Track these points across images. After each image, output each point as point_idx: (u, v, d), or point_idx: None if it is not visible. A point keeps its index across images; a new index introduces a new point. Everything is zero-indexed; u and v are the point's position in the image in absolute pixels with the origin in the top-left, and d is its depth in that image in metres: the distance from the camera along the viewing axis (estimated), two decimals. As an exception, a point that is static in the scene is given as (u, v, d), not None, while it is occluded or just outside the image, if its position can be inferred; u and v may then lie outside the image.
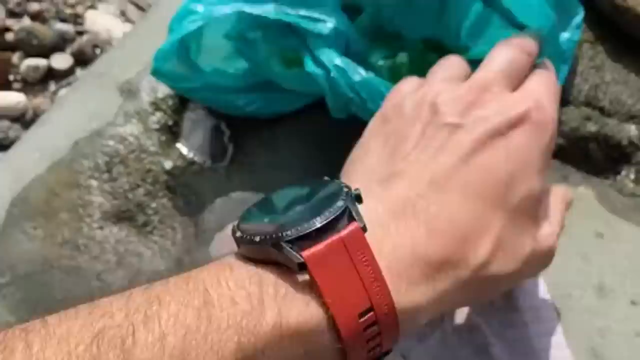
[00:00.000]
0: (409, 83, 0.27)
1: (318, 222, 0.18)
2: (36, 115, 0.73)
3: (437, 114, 0.24)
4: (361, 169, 0.24)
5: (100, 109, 0.42)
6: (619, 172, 0.39)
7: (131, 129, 0.41)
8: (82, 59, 0.81)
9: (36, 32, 0.80)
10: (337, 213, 0.19)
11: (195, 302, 0.17)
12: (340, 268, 0.18)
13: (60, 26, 0.83)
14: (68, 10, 0.86)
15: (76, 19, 0.86)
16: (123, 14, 0.87)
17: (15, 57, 0.80)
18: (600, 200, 0.36)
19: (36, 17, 0.85)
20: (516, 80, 0.26)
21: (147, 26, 0.49)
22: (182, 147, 0.41)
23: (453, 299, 0.21)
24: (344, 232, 0.18)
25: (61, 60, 0.80)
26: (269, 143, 0.40)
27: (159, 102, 0.42)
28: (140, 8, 0.86)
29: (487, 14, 0.36)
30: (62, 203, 0.38)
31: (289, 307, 0.18)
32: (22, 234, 0.37)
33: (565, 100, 0.41)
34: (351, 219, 0.19)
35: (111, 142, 0.40)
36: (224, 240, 0.34)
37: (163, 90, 0.42)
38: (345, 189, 0.20)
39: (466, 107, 0.24)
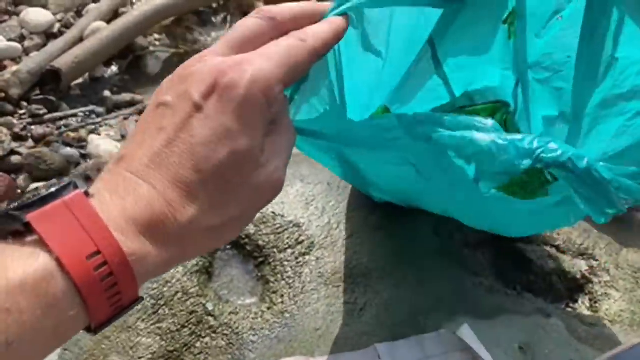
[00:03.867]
0: None
1: (43, 193, 0.23)
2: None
3: (158, 93, 0.27)
4: (117, 153, 0.28)
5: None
6: (576, 301, 0.49)
7: (173, 272, 0.47)
8: (86, 182, 0.86)
9: (44, 156, 0.86)
10: (61, 186, 0.23)
11: None
12: (63, 223, 0.22)
13: (67, 151, 0.89)
14: (71, 135, 0.93)
15: (79, 143, 0.92)
16: (124, 137, 0.94)
17: (20, 180, 0.84)
18: (569, 330, 0.44)
19: (40, 140, 0.90)
20: (246, 45, 0.28)
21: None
22: (217, 287, 0.47)
23: (178, 248, 0.25)
24: (67, 197, 0.23)
25: (66, 183, 0.84)
26: (292, 279, 0.47)
27: (196, 247, 0.48)
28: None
29: None
30: (113, 345, 0.42)
31: (15, 259, 0.21)
32: (75, 377, 0.41)
33: (530, 240, 0.52)
34: (77, 188, 0.23)
35: (156, 285, 0.46)
36: (266, 377, 0.39)
37: (198, 235, 0.49)
38: (77, 172, 0.27)
39: (176, 82, 0.26)
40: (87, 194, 0.23)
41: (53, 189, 0.23)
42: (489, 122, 0.31)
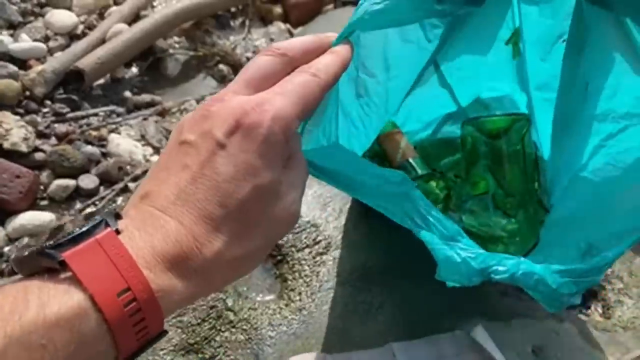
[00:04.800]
0: None
1: (76, 232, 0.24)
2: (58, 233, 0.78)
3: (180, 132, 0.28)
4: (140, 189, 0.28)
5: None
6: (590, 307, 0.50)
7: (194, 268, 0.48)
8: (107, 180, 0.88)
9: (67, 154, 0.88)
10: (93, 224, 0.24)
11: None
12: (96, 261, 0.23)
13: (88, 149, 0.91)
14: (93, 133, 0.95)
15: (100, 141, 0.94)
16: (143, 137, 0.96)
17: (43, 176, 0.86)
18: (582, 335, 0.45)
19: (63, 138, 0.93)
20: (263, 83, 0.29)
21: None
22: (236, 284, 0.48)
23: (203, 281, 0.26)
24: (99, 235, 0.24)
25: (88, 181, 0.87)
26: (310, 277, 0.48)
27: (217, 244, 0.50)
28: (160, 132, 0.96)
29: None
30: (136, 336, 0.44)
31: (51, 297, 0.22)
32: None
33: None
34: (108, 226, 0.24)
35: (177, 280, 0.47)
36: (284, 372, 0.41)
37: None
38: (108, 209, 0.27)
39: (197, 121, 0.27)
40: (117, 231, 0.24)
41: (85, 228, 0.24)
42: (454, 228, 0.33)
